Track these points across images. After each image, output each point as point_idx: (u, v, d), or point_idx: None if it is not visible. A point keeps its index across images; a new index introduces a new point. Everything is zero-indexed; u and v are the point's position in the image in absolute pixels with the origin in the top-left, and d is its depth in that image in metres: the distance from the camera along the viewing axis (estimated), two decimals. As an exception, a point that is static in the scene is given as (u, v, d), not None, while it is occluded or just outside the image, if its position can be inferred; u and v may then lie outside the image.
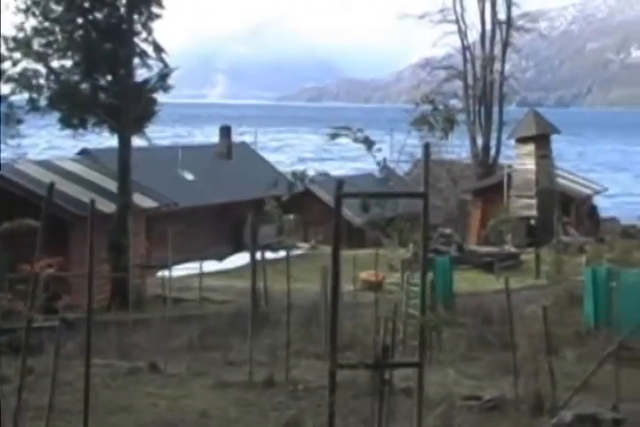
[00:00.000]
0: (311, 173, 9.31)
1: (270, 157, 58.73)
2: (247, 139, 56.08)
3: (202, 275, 25.12)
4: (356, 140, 9.19)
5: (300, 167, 9.80)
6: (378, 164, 9.63)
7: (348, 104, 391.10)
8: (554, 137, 47.61)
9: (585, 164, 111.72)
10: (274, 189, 10.69)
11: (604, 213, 54.00)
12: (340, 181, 8.92)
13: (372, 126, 10.71)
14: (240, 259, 35.78)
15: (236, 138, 51.04)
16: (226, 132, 48.32)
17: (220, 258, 37.65)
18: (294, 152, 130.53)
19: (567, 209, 45.35)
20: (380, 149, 9.64)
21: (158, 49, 28.46)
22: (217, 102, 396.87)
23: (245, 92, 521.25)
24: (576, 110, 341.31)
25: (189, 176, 43.18)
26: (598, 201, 54.94)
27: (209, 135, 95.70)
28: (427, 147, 10.33)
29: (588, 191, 50.65)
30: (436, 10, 59.08)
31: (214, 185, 43.20)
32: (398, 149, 27.96)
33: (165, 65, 28.61)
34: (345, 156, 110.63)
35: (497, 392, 13.59)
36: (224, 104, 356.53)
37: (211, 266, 33.73)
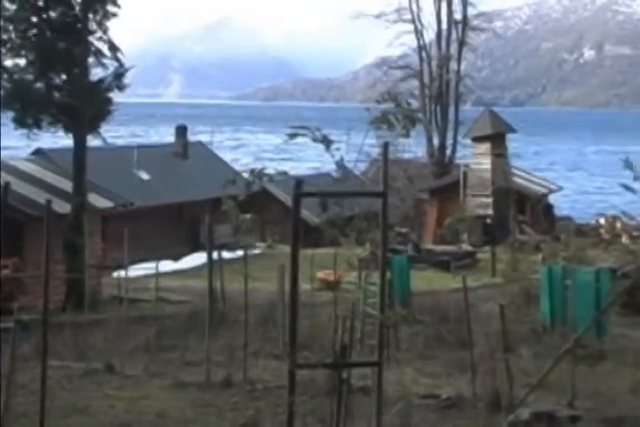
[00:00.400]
0: (270, 171, 9.30)
1: (227, 157, 58.60)
2: (203, 138, 55.91)
3: (158, 275, 24.97)
4: (314, 139, 9.16)
5: (257, 166, 9.75)
6: (336, 163, 9.63)
7: (303, 103, 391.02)
8: (509, 136, 47.96)
9: (540, 163, 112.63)
10: (231, 187, 10.65)
11: (559, 212, 54.50)
12: (300, 180, 8.90)
13: (328, 126, 10.67)
14: (197, 259, 35.64)
15: (191, 137, 50.85)
16: (182, 131, 48.13)
17: (176, 258, 37.48)
18: (251, 152, 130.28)
19: (523, 208, 45.71)
20: (338, 149, 9.63)
21: (114, 48, 28.24)
22: (172, 102, 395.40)
23: (201, 92, 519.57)
24: (531, 109, 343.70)
25: (145, 176, 42.95)
26: (554, 200, 55.42)
27: (164, 135, 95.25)
28: (386, 146, 10.33)
29: (543, 190, 51.05)
30: (391, 9, 59.36)
31: (170, 185, 43.02)
32: (356, 149, 27.98)
33: (121, 64, 28.41)
34: (302, 155, 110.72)
35: (454, 390, 13.64)
36: (179, 103, 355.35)
37: (167, 266, 33.58)
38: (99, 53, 28.09)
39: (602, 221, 43.55)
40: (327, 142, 9.27)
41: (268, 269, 22.96)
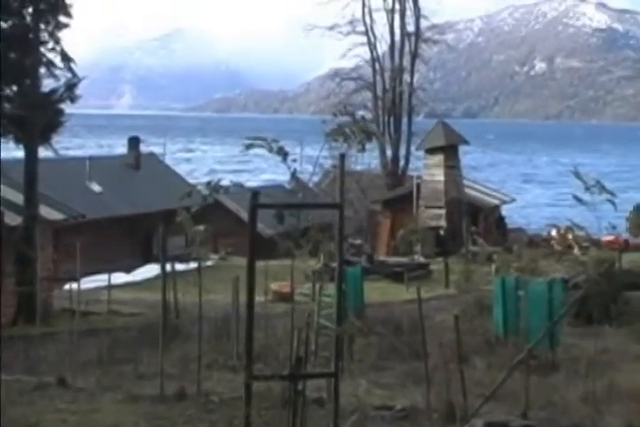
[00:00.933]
0: (225, 183, 9.31)
1: (179, 169, 58.37)
2: (156, 150, 55.65)
3: (110, 287, 24.77)
4: (270, 150, 9.16)
5: (212, 178, 9.73)
6: (293, 174, 9.63)
7: (256, 115, 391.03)
8: (462, 148, 48.26)
9: (494, 174, 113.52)
10: (187, 199, 10.63)
11: (511, 223, 54.91)
12: (256, 192, 8.91)
13: (281, 137, 10.66)
14: (149, 271, 35.41)
15: (144, 149, 50.58)
16: (134, 143, 47.83)
17: (129, 270, 37.21)
18: (204, 163, 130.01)
19: (475, 219, 45.97)
20: (294, 160, 9.63)
21: (66, 59, 28.01)
22: (124, 113, 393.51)
23: (153, 103, 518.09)
24: (483, 121, 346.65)
25: (97, 188, 42.62)
26: (507, 211, 55.83)
27: (116, 146, 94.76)
28: (342, 157, 10.36)
29: (495, 201, 51.41)
30: (345, 21, 59.53)
31: (123, 197, 42.72)
32: (311, 160, 28.02)
33: (73, 75, 28.19)
34: (256, 167, 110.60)
35: (408, 402, 13.67)
36: (131, 115, 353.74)
37: (120, 278, 33.31)
38: (50, 64, 27.85)
39: (553, 232, 43.91)
40: (283, 154, 9.27)
41: (221, 281, 22.83)
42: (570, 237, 40.60)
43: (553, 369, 16.86)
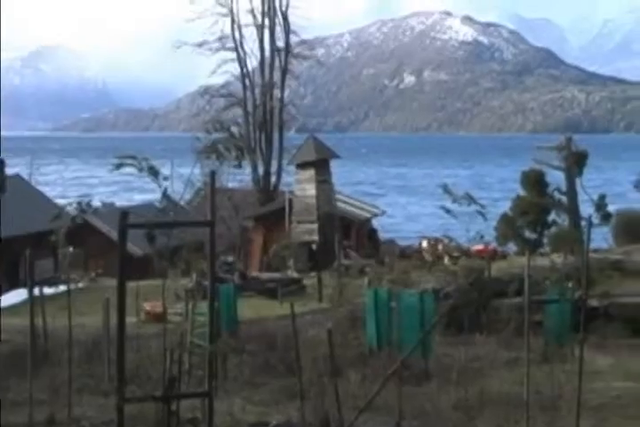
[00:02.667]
0: (95, 203, 9.21)
1: (46, 190, 57.24)
2: (21, 171, 54.46)
3: (-25, 314, 24.00)
4: (141, 169, 9.07)
5: (81, 199, 9.58)
6: (164, 193, 9.55)
7: (126, 133, 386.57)
8: (334, 162, 48.56)
9: (366, 187, 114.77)
10: (57, 221, 10.43)
11: (384, 236, 55.53)
12: (125, 212, 8.80)
13: (152, 155, 10.57)
14: (16, 296, 34.50)
15: (9, 171, 49.37)
16: (-1, 165, 46.70)
17: (-6, 296, 36.19)
18: (71, 184, 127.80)
19: (348, 232, 46.31)
20: (165, 179, 9.53)
21: None
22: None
23: (19, 123, 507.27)
24: (354, 135, 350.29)
25: (-39, 211, 41.42)
26: (381, 224, 56.42)
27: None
28: (212, 174, 10.30)
29: (367, 214, 51.90)
30: (214, 38, 59.39)
31: (-13, 220, 41.60)
32: (183, 178, 27.80)
33: None
34: (126, 186, 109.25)
35: (283, 417, 13.66)
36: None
37: (-15, 305, 32.35)
38: None
39: (424, 243, 44.55)
40: (154, 172, 9.18)
41: (92, 303, 22.49)
42: (440, 247, 41.28)
43: (426, 379, 17.07)
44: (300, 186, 46.27)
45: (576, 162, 43.20)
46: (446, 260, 38.05)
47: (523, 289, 13.47)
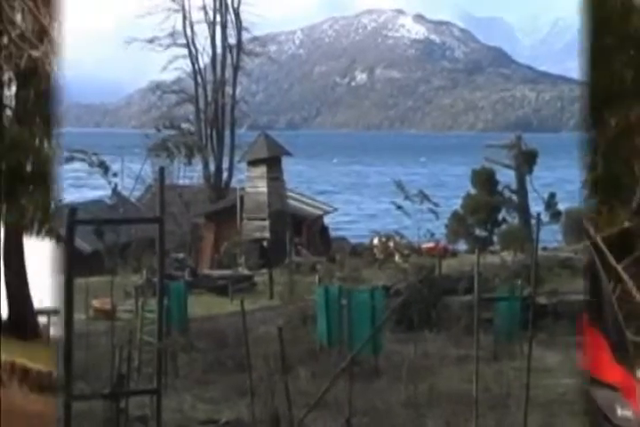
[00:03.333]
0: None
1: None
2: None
3: None
4: (91, 164, 8.99)
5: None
6: (114, 190, 9.49)
7: (77, 129, 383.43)
8: (287, 159, 48.57)
9: (319, 185, 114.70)
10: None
11: (335, 233, 55.59)
12: (73, 208, 8.72)
13: (102, 151, 10.46)
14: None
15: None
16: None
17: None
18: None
19: (299, 230, 46.32)
20: (115, 175, 9.46)
21: None
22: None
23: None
24: (306, 132, 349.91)
25: None
26: (334, 222, 56.47)
27: None
28: (162, 171, 10.24)
29: (318, 212, 51.92)
30: (165, 34, 59.09)
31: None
32: (133, 175, 27.71)
33: None
34: (75, 182, 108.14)
35: (233, 415, 13.64)
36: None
37: None
38: None
39: (375, 240, 44.63)
40: (104, 168, 9.11)
41: (41, 301, 22.25)
42: (391, 244, 41.40)
43: (376, 375, 17.13)
44: (252, 183, 46.23)
45: (526, 160, 43.62)
46: (397, 257, 38.17)
47: (473, 287, 13.54)
